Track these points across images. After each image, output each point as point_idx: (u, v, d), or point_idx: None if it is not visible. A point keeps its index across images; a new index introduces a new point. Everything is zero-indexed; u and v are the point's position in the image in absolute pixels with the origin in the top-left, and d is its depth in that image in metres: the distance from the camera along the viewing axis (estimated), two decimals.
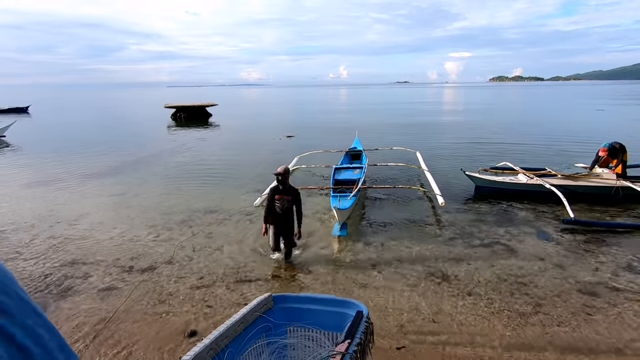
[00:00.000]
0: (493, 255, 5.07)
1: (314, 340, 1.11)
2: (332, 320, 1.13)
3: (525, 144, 13.75)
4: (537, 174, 7.75)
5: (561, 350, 3.24)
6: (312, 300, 1.22)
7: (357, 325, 1.05)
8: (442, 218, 6.51)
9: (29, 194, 8.41)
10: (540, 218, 6.42)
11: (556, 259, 4.90)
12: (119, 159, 12.19)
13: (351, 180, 7.45)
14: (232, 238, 5.77)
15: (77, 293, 4.30)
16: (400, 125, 21.09)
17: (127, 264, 5.01)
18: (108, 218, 6.74)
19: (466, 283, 4.35)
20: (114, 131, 20.94)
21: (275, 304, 1.23)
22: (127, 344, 3.42)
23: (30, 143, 16.32)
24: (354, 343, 0.98)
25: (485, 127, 18.95)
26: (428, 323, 3.63)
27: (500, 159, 9.55)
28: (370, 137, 14.76)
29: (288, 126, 20.98)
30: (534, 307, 3.86)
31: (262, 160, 11.76)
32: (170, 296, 4.22)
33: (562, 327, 3.55)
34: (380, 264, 4.86)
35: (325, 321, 1.13)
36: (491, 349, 3.26)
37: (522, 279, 4.42)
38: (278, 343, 1.14)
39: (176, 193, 8.27)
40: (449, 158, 11.38)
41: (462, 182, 8.38)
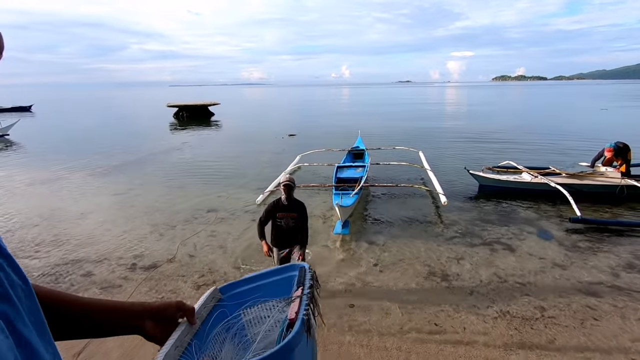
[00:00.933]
0: (494, 254, 5.05)
1: (269, 309, 1.14)
2: (281, 288, 1.16)
3: (528, 143, 13.74)
4: (541, 173, 7.72)
5: (563, 350, 3.22)
6: (256, 278, 1.24)
7: (303, 275, 1.11)
8: (444, 217, 6.49)
9: (32, 192, 8.45)
10: (542, 217, 6.39)
11: (558, 259, 4.88)
12: (121, 158, 12.23)
13: (353, 178, 7.46)
14: (235, 236, 5.77)
15: (78, 291, 4.32)
16: (402, 125, 21.06)
17: (129, 262, 5.03)
18: (110, 217, 6.77)
19: (467, 282, 4.33)
20: (116, 130, 21.01)
21: (224, 294, 1.23)
22: (127, 344, 3.42)
23: (33, 142, 16.41)
24: (307, 286, 1.05)
25: (488, 127, 18.90)
26: (428, 324, 3.62)
27: (503, 158, 9.52)
28: (372, 137, 14.75)
29: (290, 125, 20.99)
30: (535, 307, 3.84)
31: (264, 159, 11.77)
32: (172, 294, 4.23)
33: (563, 327, 3.53)
34: (381, 262, 4.86)
35: (274, 291, 1.17)
36: (492, 349, 3.25)
37: (523, 279, 4.40)
38: (237, 324, 1.17)
39: (178, 192, 8.29)
40: (452, 157, 11.36)
41: (466, 181, 8.37)
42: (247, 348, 1.05)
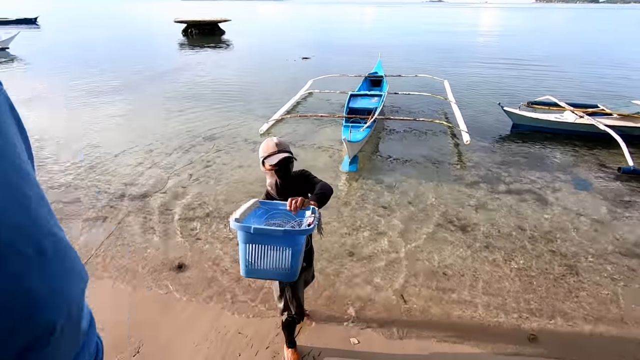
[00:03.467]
0: (520, 204, 4.46)
1: (289, 220, 1.71)
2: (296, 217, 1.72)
3: (573, 77, 11.85)
4: (588, 112, 6.70)
5: (592, 318, 2.80)
6: (282, 205, 1.74)
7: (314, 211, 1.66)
8: (466, 158, 5.80)
9: (26, 111, 8.02)
10: (582, 164, 5.61)
11: (595, 213, 4.26)
12: (124, 78, 11.50)
13: (367, 109, 6.66)
14: (232, 169, 5.31)
15: (64, 219, 4.05)
16: (429, 50, 19.02)
17: (118, 190, 4.69)
18: (106, 141, 6.35)
19: (485, 234, 3.83)
20: (122, 47, 19.82)
21: (261, 204, 1.78)
22: (114, 276, 3.17)
23: (35, 56, 15.62)
24: (317, 216, 1.63)
25: (528, 56, 16.76)
26: (438, 276, 3.21)
27: (542, 94, 8.36)
28: (394, 62, 13.35)
29: (305, 47, 19.30)
30: (563, 267, 3.36)
31: (274, 84, 10.84)
32: (159, 226, 3.92)
33: (594, 292, 3.07)
34: (391, 206, 4.35)
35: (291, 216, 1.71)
36: (507, 312, 2.85)
37: (551, 234, 3.86)
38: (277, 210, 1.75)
39: (179, 116, 7.71)
40: (483, 90, 10.09)
41: (497, 119, 7.44)
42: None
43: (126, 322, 2.61)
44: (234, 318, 2.76)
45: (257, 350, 2.47)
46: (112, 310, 2.76)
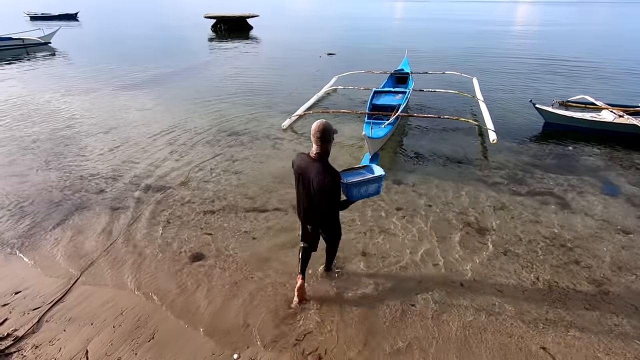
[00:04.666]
0: (543, 208, 4.27)
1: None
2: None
3: (612, 76, 11.17)
4: (629, 112, 6.32)
5: (619, 338, 2.64)
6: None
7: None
8: (492, 158, 5.61)
9: (64, 102, 8.46)
10: (612, 167, 5.30)
11: (623, 221, 4.02)
12: (154, 71, 11.89)
13: (390, 106, 6.57)
14: (253, 163, 5.39)
15: (88, 209, 4.26)
16: (459, 46, 18.43)
17: (143, 182, 4.88)
18: (134, 133, 6.60)
19: (504, 239, 3.70)
20: (155, 41, 20.46)
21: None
22: (132, 264, 3.31)
23: (75, 51, 16.41)
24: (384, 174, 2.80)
25: (564, 54, 15.90)
26: (453, 285, 3.13)
27: (577, 93, 7.93)
28: (422, 58, 13.04)
29: (331, 42, 19.20)
30: (586, 280, 3.20)
31: (299, 80, 10.87)
32: (179, 219, 4.05)
33: (615, 306, 2.90)
34: (407, 207, 4.29)
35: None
36: (525, 324, 2.74)
37: (574, 242, 3.68)
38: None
39: (203, 110, 7.90)
40: (514, 89, 9.67)
41: (527, 118, 7.15)
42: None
43: (142, 308, 2.72)
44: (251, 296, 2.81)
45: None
46: (130, 297, 2.88)
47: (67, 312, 2.63)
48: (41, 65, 13.18)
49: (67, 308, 2.66)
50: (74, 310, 2.64)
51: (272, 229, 3.87)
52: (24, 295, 2.77)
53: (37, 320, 2.53)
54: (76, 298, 2.76)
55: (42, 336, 2.43)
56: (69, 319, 2.57)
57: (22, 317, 2.56)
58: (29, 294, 2.79)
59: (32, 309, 2.63)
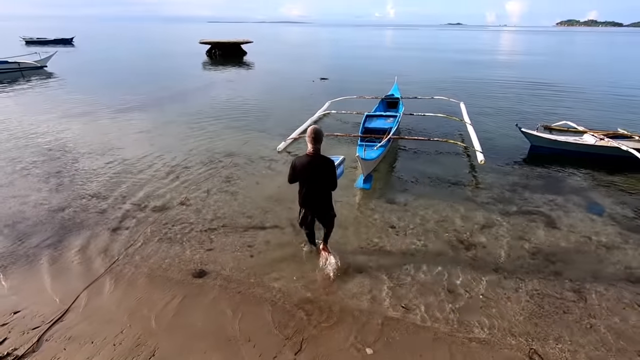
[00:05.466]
0: (530, 226, 4.44)
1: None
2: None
3: (593, 102, 11.73)
4: (609, 135, 6.64)
5: (598, 345, 2.75)
6: None
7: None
8: (480, 178, 5.82)
9: (60, 125, 8.54)
10: (598, 187, 5.55)
11: (605, 238, 4.20)
12: (149, 95, 12.11)
13: (382, 129, 6.81)
14: (248, 184, 5.50)
15: (88, 228, 4.29)
16: (446, 73, 19.20)
17: (141, 202, 4.94)
18: (130, 155, 6.69)
19: (493, 256, 3.84)
20: (150, 66, 20.87)
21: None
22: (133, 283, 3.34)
23: (70, 75, 16.64)
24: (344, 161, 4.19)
25: (547, 80, 16.67)
26: (442, 298, 3.23)
27: (561, 118, 8.32)
28: (411, 84, 13.53)
29: (323, 68, 19.82)
30: (570, 292, 3.33)
31: (292, 104, 11.18)
32: (179, 237, 4.10)
33: (600, 319, 3.02)
34: (400, 225, 4.41)
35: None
36: (513, 336, 2.83)
37: (559, 257, 3.84)
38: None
39: (199, 133, 8.05)
40: (500, 112, 10.12)
41: (514, 141, 7.44)
42: None
43: (143, 326, 2.74)
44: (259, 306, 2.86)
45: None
46: (130, 315, 2.90)
47: (67, 331, 2.64)
48: (37, 88, 13.33)
49: (67, 327, 2.68)
50: (74, 329, 2.66)
51: (270, 243, 3.99)
52: (23, 315, 2.77)
53: (37, 339, 2.54)
54: (76, 317, 2.78)
55: (42, 355, 2.43)
56: (69, 337, 2.58)
57: (22, 337, 2.56)
58: (28, 313, 2.80)
59: (31, 328, 2.63)
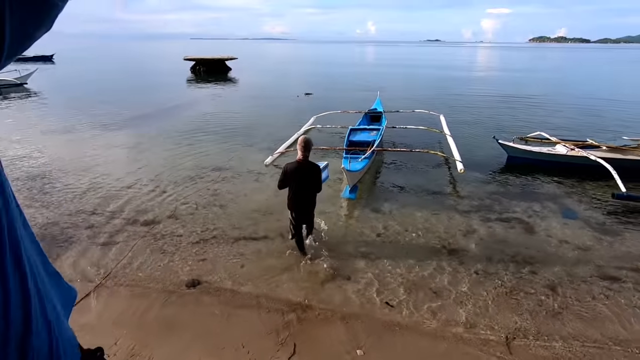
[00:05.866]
0: (509, 231, 4.69)
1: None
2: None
3: (564, 114, 12.46)
4: (579, 145, 7.05)
5: (571, 337, 2.95)
6: None
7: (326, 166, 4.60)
8: (460, 187, 6.08)
9: (43, 142, 8.46)
10: (571, 195, 5.88)
11: (578, 241, 4.47)
12: (134, 112, 12.10)
13: (366, 142, 7.04)
14: (237, 197, 5.59)
15: (78, 243, 4.29)
16: (426, 87, 19.91)
17: (131, 216, 4.96)
18: (117, 171, 6.69)
19: (475, 259, 4.04)
20: (133, 83, 20.84)
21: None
22: (126, 295, 3.36)
23: (51, 92, 16.47)
24: (328, 168, 4.38)
25: (521, 93, 17.49)
26: (428, 298, 3.38)
27: (535, 128, 8.79)
28: (393, 99, 13.96)
29: (308, 84, 20.22)
30: (547, 289, 3.55)
31: (278, 119, 11.37)
32: (170, 249, 4.15)
33: (573, 313, 3.24)
34: (386, 233, 4.59)
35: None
36: (493, 330, 3.01)
37: (536, 258, 4.07)
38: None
39: (186, 148, 8.11)
40: (478, 124, 10.60)
41: (492, 152, 7.78)
42: None
43: (136, 337, 2.78)
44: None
45: None
46: (124, 327, 2.93)
47: None
48: (17, 106, 13.14)
49: None
50: None
51: (261, 252, 4.10)
52: None
53: None
54: None
55: None
56: None
57: None
58: None
59: None
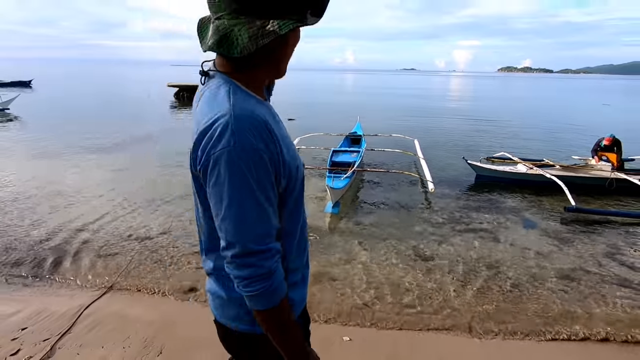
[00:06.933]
0: (476, 240, 5.23)
1: None
2: None
3: (527, 136, 13.76)
4: (536, 164, 7.88)
5: (529, 325, 3.45)
6: None
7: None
8: (434, 203, 6.67)
9: (30, 166, 8.60)
10: (531, 208, 6.56)
11: (537, 247, 5.07)
12: (121, 136, 12.32)
13: (347, 162, 7.61)
14: None
15: (77, 256, 4.51)
16: (402, 113, 21.06)
17: (125, 233, 5.22)
18: (108, 192, 6.91)
19: (446, 264, 4.54)
20: (117, 108, 21.02)
21: None
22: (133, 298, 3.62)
23: (33, 117, 16.46)
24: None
25: (489, 118, 18.90)
26: (405, 297, 3.83)
27: (502, 149, 9.67)
28: (372, 123, 14.79)
29: (290, 109, 20.96)
30: (510, 287, 4.06)
31: None
32: (166, 261, 4.44)
33: (532, 306, 3.75)
34: (366, 242, 5.05)
35: None
36: (463, 318, 3.47)
37: (502, 263, 4.60)
38: None
39: (176, 170, 8.41)
40: (450, 146, 11.50)
41: (462, 171, 8.51)
42: None
43: (146, 331, 3.07)
44: None
45: None
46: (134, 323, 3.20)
47: (76, 340, 2.90)
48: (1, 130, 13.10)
49: (76, 337, 2.94)
50: (83, 339, 2.92)
51: None
52: (31, 331, 3.00)
53: (49, 348, 2.79)
54: (82, 329, 3.04)
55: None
56: (80, 345, 2.85)
57: (34, 347, 2.79)
58: (36, 329, 3.02)
59: (42, 340, 2.87)
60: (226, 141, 0.81)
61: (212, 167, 0.83)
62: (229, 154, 0.81)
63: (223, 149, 0.81)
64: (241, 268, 0.87)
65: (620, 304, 3.78)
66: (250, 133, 0.83)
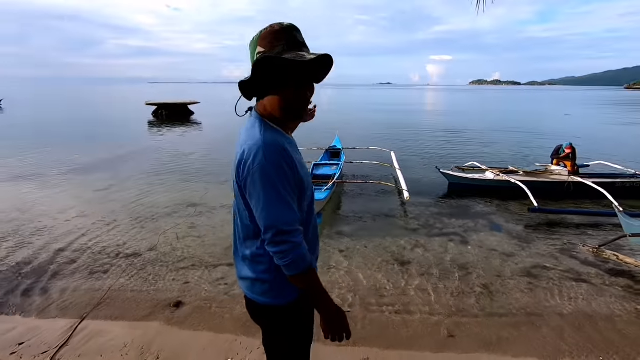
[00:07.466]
0: (449, 243, 5.65)
1: None
2: None
3: (495, 145, 14.78)
4: (502, 171, 8.49)
5: (495, 314, 3.83)
6: None
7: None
8: (410, 211, 7.09)
9: (9, 188, 8.51)
10: (498, 212, 7.09)
11: (504, 248, 5.52)
12: (101, 156, 12.28)
13: (328, 175, 7.97)
14: (214, 227, 6.15)
15: (63, 275, 4.60)
16: (379, 126, 21.82)
17: (112, 251, 5.32)
18: (92, 211, 6.97)
19: (422, 267, 4.90)
20: (94, 127, 20.76)
21: None
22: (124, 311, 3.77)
23: (6, 138, 16.08)
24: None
25: (460, 129, 19.91)
26: (383, 296, 4.15)
27: (472, 158, 10.32)
28: (350, 136, 15.34)
29: None
30: (480, 287, 4.45)
31: None
32: (154, 277, 4.59)
33: (500, 302, 4.14)
34: (348, 249, 5.37)
35: None
36: (437, 314, 3.81)
37: (471, 264, 5.00)
38: None
39: (159, 188, 8.55)
40: (424, 157, 12.17)
41: (436, 180, 9.04)
42: None
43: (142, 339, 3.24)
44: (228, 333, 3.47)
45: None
46: (130, 332, 3.36)
47: (75, 351, 3.04)
48: None
49: (74, 349, 3.07)
50: (81, 349, 3.06)
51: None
52: (29, 345, 3.11)
53: (49, 359, 2.93)
54: (80, 341, 3.18)
55: None
56: (78, 355, 2.99)
57: (34, 359, 2.93)
58: (33, 343, 3.14)
59: (41, 353, 3.00)
60: (260, 160, 1.24)
61: (252, 177, 1.25)
62: (262, 167, 1.23)
63: (258, 164, 1.24)
64: (278, 244, 1.26)
65: (574, 296, 4.24)
66: (275, 155, 1.26)
